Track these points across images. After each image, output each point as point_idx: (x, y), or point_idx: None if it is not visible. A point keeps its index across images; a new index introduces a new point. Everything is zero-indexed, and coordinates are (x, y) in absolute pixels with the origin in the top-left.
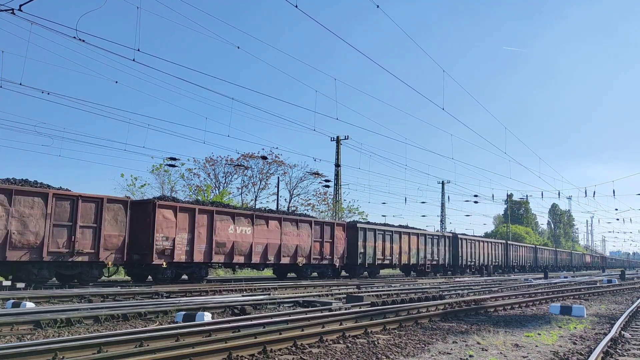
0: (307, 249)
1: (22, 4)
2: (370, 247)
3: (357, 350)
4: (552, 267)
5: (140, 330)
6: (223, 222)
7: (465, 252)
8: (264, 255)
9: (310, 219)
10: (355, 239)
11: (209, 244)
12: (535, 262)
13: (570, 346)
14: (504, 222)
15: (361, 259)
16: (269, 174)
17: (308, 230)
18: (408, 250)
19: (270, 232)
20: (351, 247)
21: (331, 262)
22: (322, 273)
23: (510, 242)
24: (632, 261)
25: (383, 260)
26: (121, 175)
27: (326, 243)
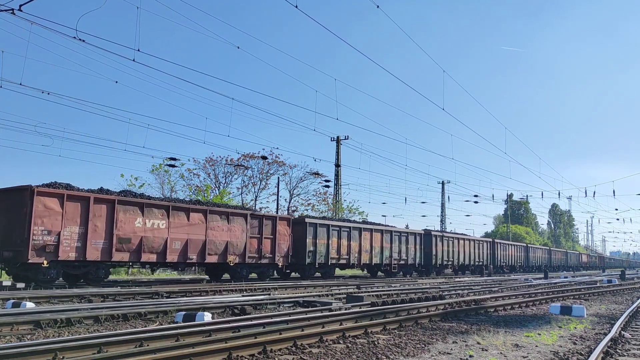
0: (241, 246)
1: (22, 4)
2: (322, 245)
3: (357, 350)
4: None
5: (141, 330)
6: (128, 214)
7: (440, 250)
8: (183, 252)
9: (245, 212)
10: (303, 235)
11: (108, 239)
12: (527, 262)
13: (570, 346)
14: (504, 222)
15: (310, 258)
16: (269, 174)
17: (242, 225)
18: (370, 248)
19: (193, 227)
20: (298, 245)
21: (272, 262)
22: (262, 274)
23: (497, 240)
24: (631, 261)
25: (338, 259)
26: (121, 175)
27: (266, 239)
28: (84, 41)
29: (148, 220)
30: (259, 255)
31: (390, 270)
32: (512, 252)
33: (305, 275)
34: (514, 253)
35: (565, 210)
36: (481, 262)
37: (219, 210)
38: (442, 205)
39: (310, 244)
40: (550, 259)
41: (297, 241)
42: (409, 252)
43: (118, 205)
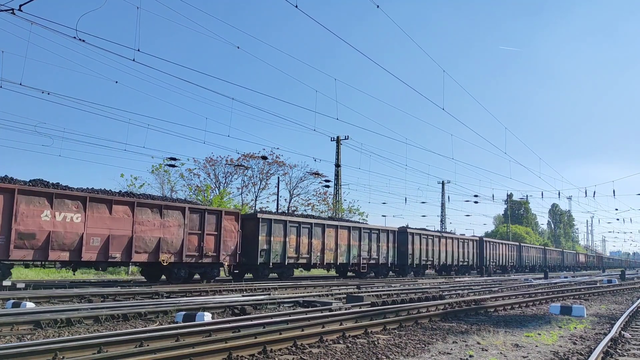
0: (177, 244)
1: (22, 4)
2: (278, 243)
3: (357, 350)
4: (541, 268)
5: (141, 330)
6: (32, 206)
7: (417, 249)
8: (103, 250)
9: (183, 205)
10: (255, 232)
11: (5, 234)
12: (520, 262)
13: (570, 346)
14: (504, 222)
15: (264, 257)
16: (269, 174)
17: (179, 220)
18: (335, 246)
19: (116, 221)
20: (249, 243)
21: (217, 261)
22: (205, 274)
23: (486, 238)
24: (631, 261)
25: (297, 258)
26: (121, 175)
27: (209, 236)
28: (84, 41)
29: (58, 214)
30: (200, 254)
31: (359, 270)
32: (503, 251)
33: (258, 276)
34: (505, 252)
35: (565, 210)
36: (466, 262)
37: (149, 203)
38: (442, 205)
39: (263, 242)
40: (545, 259)
41: (248, 238)
42: (381, 251)
43: (19, 196)
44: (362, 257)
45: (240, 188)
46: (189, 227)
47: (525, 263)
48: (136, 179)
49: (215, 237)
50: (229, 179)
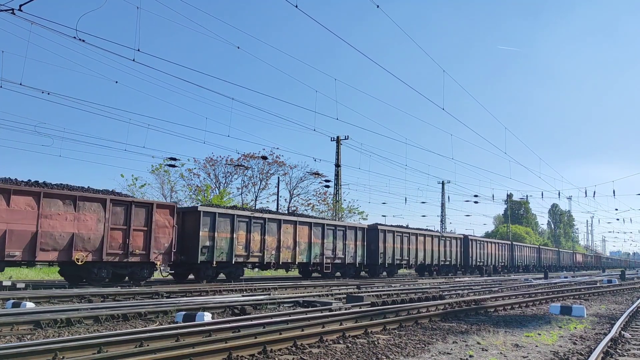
0: (97, 240)
1: (22, 4)
2: (224, 240)
3: (357, 351)
4: (535, 268)
5: (141, 330)
6: None
7: (390, 248)
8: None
9: (104, 197)
10: (195, 227)
11: None
12: (512, 262)
13: (570, 346)
14: (504, 222)
15: (206, 255)
16: (269, 174)
17: (98, 213)
18: (293, 244)
19: (15, 214)
20: (189, 239)
21: (146, 259)
22: (134, 275)
23: (472, 236)
24: (630, 261)
25: (247, 257)
26: (121, 175)
27: (136, 232)
28: (84, 41)
29: None
30: (126, 252)
31: (323, 270)
32: (492, 250)
33: (200, 276)
34: (495, 252)
35: (565, 210)
36: (449, 262)
37: (60, 194)
38: (442, 205)
39: (205, 238)
40: (540, 259)
41: (188, 234)
42: (348, 250)
43: None
44: (325, 256)
45: (240, 188)
46: (111, 221)
47: (518, 263)
48: (136, 179)
49: (145, 232)
50: (229, 179)
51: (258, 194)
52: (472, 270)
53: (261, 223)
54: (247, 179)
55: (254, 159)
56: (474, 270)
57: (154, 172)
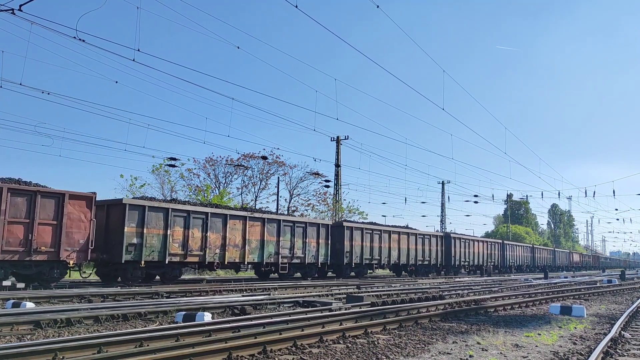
0: None
1: (22, 4)
2: (155, 236)
3: (357, 351)
4: (528, 268)
5: (140, 331)
6: None
7: (356, 246)
8: None
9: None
10: (119, 222)
11: None
12: (503, 262)
13: (570, 346)
14: (504, 222)
15: (133, 253)
16: (269, 174)
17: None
18: (243, 242)
19: None
20: (112, 235)
21: (56, 258)
22: (41, 275)
23: (454, 234)
24: (629, 261)
25: (185, 256)
26: (121, 175)
27: (43, 226)
28: (84, 41)
29: None
30: (28, 249)
31: (279, 270)
32: (479, 249)
33: (126, 277)
34: (483, 251)
35: (565, 210)
36: (428, 261)
37: None
38: (442, 205)
39: (132, 235)
40: (534, 259)
41: (112, 230)
42: (308, 248)
43: None
44: (281, 256)
45: (240, 188)
46: (8, 214)
47: (510, 263)
48: (136, 179)
49: (54, 227)
50: (229, 179)
51: (258, 194)
52: (455, 270)
53: (202, 218)
54: (247, 179)
55: (254, 159)
56: (458, 271)
57: (154, 172)
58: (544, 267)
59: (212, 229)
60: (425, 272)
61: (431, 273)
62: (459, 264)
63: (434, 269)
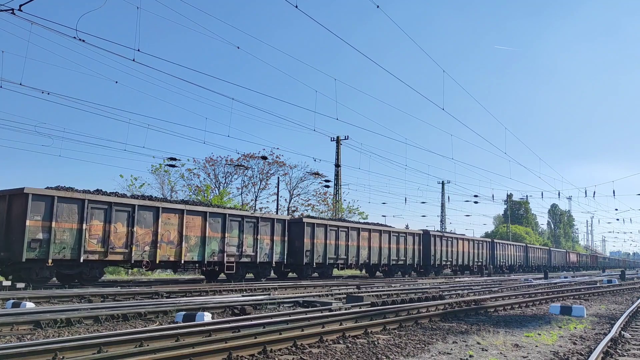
0: None
1: (22, 4)
2: (68, 232)
3: (357, 351)
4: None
5: (140, 331)
6: None
7: (319, 244)
8: None
9: None
10: (20, 215)
11: None
12: (492, 261)
13: (570, 346)
14: (504, 223)
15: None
16: (269, 174)
17: None
18: (179, 238)
19: None
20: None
21: None
22: None
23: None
24: (628, 261)
25: (105, 254)
26: (121, 175)
27: None
28: (84, 41)
29: None
30: None
31: (225, 270)
32: (465, 248)
33: (31, 279)
34: (468, 250)
35: (565, 211)
36: (403, 261)
37: None
38: (442, 205)
39: (37, 229)
40: (527, 258)
41: (12, 225)
42: (260, 245)
43: None
44: (227, 254)
45: (240, 188)
46: None
47: (500, 262)
48: (136, 179)
49: None
50: (229, 179)
51: (258, 194)
52: (436, 270)
53: (129, 211)
54: (247, 179)
55: (254, 159)
56: (439, 271)
57: (154, 172)
58: (538, 267)
59: (140, 223)
60: (402, 273)
61: (406, 273)
62: (439, 263)
63: (411, 268)
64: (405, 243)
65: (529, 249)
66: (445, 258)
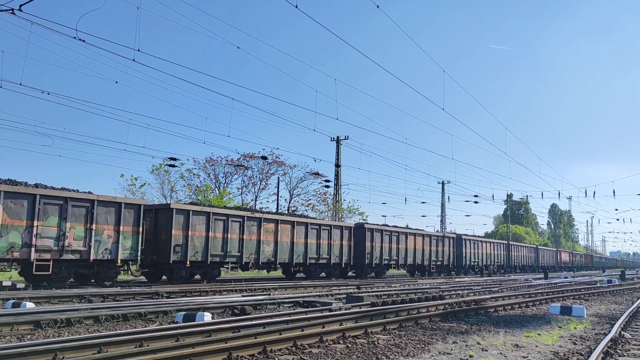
0: None
1: (22, 4)
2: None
3: (357, 351)
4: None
5: (141, 331)
6: None
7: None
8: None
9: None
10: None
11: None
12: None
13: (570, 346)
14: (504, 223)
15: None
16: (269, 174)
17: None
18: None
19: None
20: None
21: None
22: None
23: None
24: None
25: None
26: (121, 175)
27: None
28: (84, 41)
29: None
30: None
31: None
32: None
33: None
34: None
35: (565, 211)
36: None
37: None
38: (442, 205)
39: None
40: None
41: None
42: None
43: None
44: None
45: (240, 188)
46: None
47: (472, 262)
48: (136, 179)
49: None
50: (229, 179)
51: (258, 194)
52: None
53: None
54: (247, 179)
55: (253, 159)
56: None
57: (154, 172)
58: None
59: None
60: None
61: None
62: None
63: (447, 268)
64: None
65: (511, 247)
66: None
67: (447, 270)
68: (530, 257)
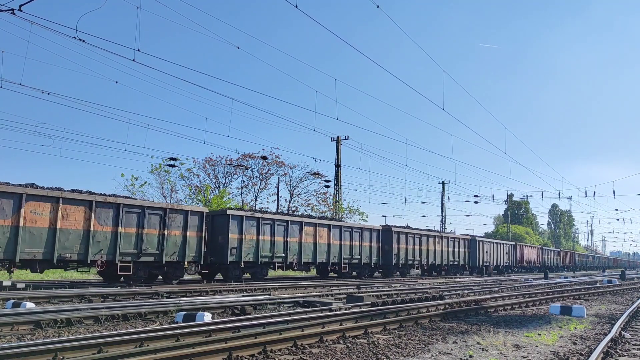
0: None
1: (22, 4)
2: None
3: (357, 351)
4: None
5: (141, 331)
6: None
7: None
8: None
9: None
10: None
11: None
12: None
13: (570, 346)
14: (504, 223)
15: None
16: (269, 174)
17: None
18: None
19: None
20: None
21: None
22: None
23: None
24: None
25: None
26: (121, 175)
27: None
28: (84, 41)
29: None
30: None
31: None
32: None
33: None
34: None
35: (566, 211)
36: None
37: None
38: (442, 205)
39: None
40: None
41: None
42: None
43: None
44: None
45: (240, 188)
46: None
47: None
48: (136, 179)
49: None
50: (229, 179)
51: (258, 194)
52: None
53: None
54: (247, 179)
55: (253, 159)
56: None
57: (154, 172)
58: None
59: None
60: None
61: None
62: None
63: (462, 269)
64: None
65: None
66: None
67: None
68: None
